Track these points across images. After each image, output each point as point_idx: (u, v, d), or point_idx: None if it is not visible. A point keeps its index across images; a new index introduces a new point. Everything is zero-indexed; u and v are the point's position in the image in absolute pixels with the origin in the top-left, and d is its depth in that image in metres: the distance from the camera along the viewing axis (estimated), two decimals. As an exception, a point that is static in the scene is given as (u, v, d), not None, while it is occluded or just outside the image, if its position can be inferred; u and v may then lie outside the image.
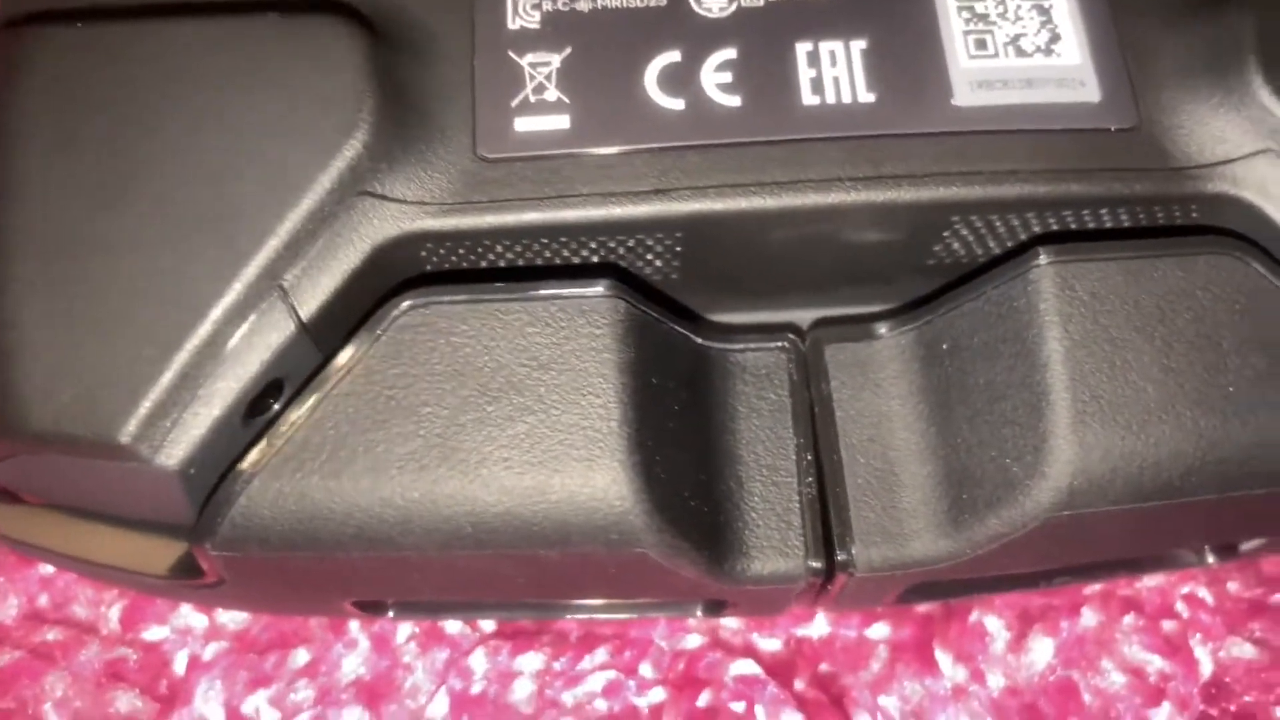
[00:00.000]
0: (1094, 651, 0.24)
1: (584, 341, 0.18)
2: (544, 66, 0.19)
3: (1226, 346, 0.18)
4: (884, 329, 0.20)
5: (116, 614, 0.24)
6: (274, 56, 0.18)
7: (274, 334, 0.18)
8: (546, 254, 0.19)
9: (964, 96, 0.19)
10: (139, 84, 0.18)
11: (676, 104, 0.19)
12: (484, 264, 0.19)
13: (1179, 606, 0.24)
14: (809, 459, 0.20)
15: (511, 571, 0.18)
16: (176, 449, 0.17)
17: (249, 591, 0.20)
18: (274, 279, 0.17)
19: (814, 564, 0.19)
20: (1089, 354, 0.18)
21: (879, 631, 0.24)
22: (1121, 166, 0.19)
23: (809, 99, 0.19)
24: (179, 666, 0.23)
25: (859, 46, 0.19)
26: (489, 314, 0.18)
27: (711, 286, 0.21)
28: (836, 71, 0.19)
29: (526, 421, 0.17)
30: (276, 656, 0.24)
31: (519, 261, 0.19)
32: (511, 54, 0.19)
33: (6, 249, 0.18)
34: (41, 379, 0.17)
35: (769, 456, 0.20)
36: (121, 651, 0.23)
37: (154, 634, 0.24)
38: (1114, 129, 0.19)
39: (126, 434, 0.17)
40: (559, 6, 0.20)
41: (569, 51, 0.19)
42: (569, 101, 0.19)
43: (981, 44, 0.19)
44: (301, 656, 0.24)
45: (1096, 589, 0.24)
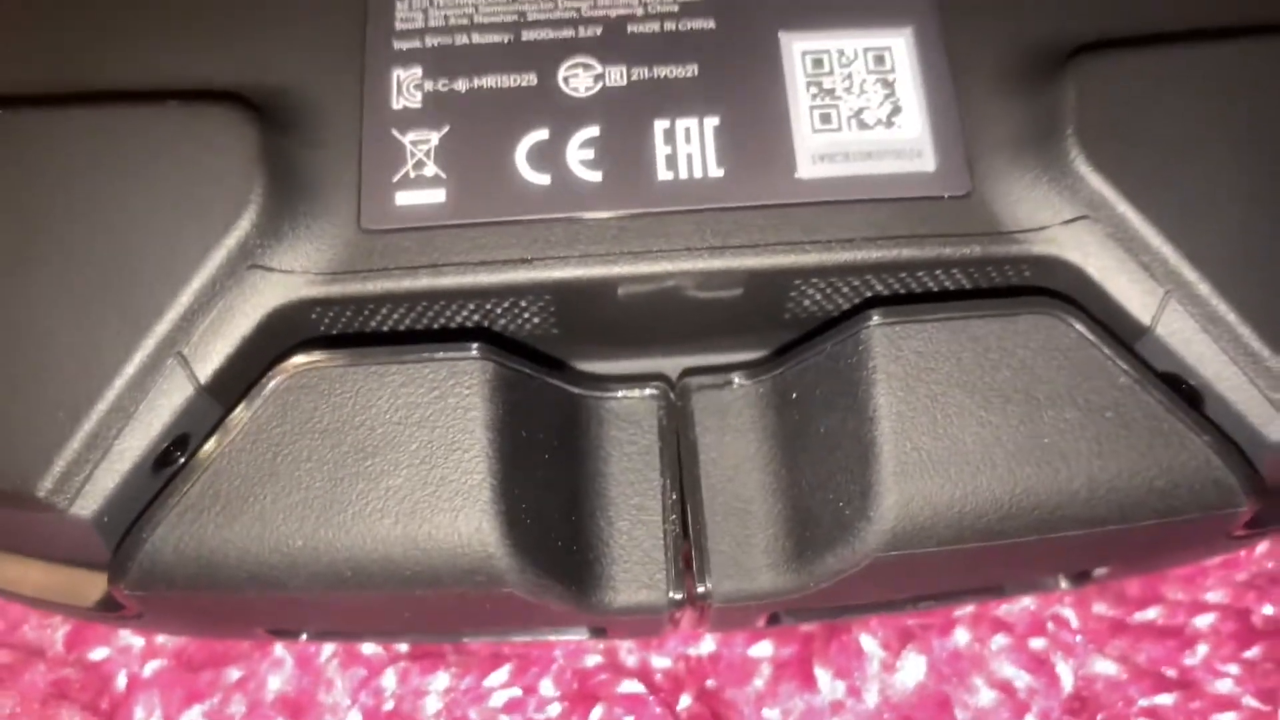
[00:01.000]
0: (966, 668, 0.26)
1: (453, 400, 0.19)
2: (424, 144, 0.21)
3: (1043, 400, 0.20)
4: (742, 378, 0.22)
5: (62, 636, 0.26)
6: (171, 142, 0.20)
7: (176, 395, 0.19)
8: (427, 318, 0.21)
9: (806, 169, 0.21)
10: (49, 166, 0.20)
11: (543, 179, 0.21)
12: (372, 326, 0.21)
13: (1049, 626, 0.26)
14: (674, 498, 0.21)
15: (395, 608, 0.20)
16: (89, 500, 0.19)
17: (168, 621, 0.22)
18: (173, 347, 0.19)
19: (675, 596, 0.21)
20: (912, 409, 0.19)
21: (762, 650, 0.26)
22: (952, 232, 0.20)
23: (664, 174, 0.21)
24: (120, 684, 0.26)
25: (712, 123, 0.21)
26: (367, 376, 0.20)
27: (587, 340, 0.22)
28: (690, 148, 0.21)
29: (401, 475, 0.19)
30: (210, 674, 0.26)
31: (403, 324, 0.21)
32: (395, 132, 0.21)
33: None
34: (-35, 438, 0.19)
35: (637, 496, 0.21)
36: (66, 672, 0.25)
37: (97, 654, 0.26)
38: (947, 196, 0.20)
39: (43, 488, 0.19)
40: (439, 87, 0.21)
41: (447, 129, 0.21)
42: (446, 177, 0.21)
43: (826, 118, 0.21)
44: (233, 674, 0.26)
45: (969, 610, 0.26)
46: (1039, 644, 0.26)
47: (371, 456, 0.19)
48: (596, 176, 0.21)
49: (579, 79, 0.21)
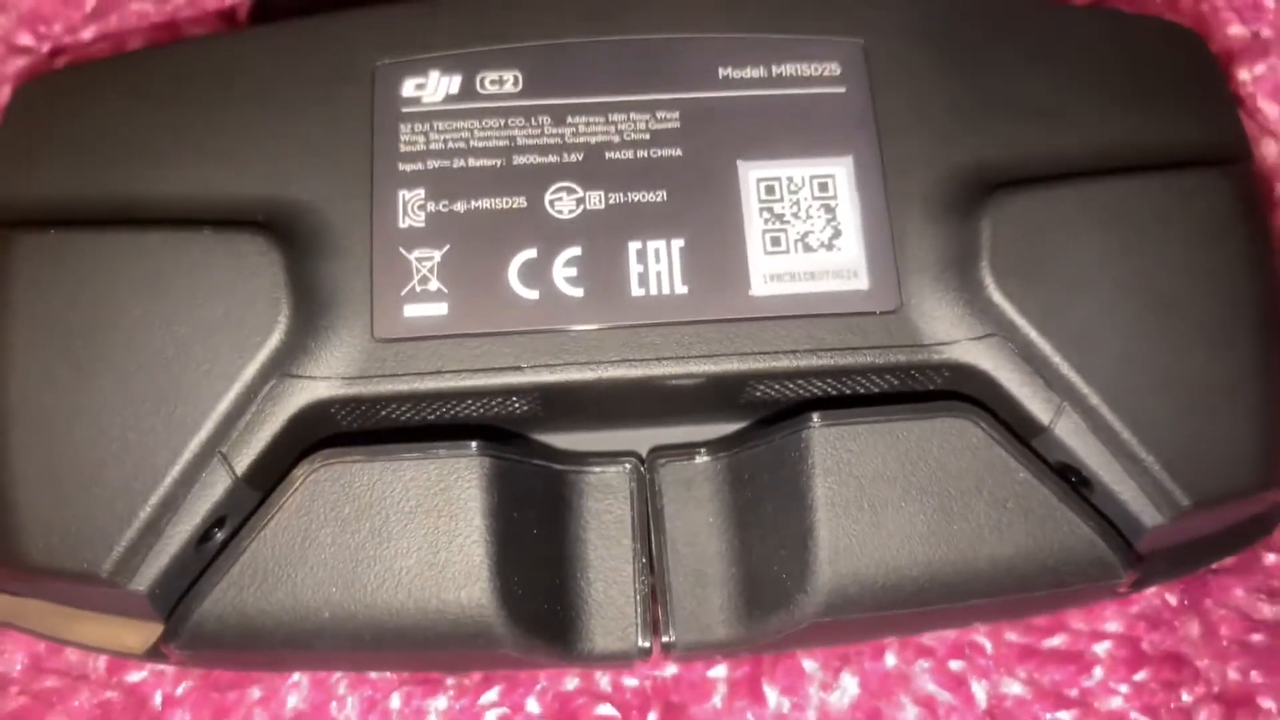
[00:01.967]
0: (893, 687, 0.30)
1: (456, 492, 0.23)
2: (428, 260, 0.24)
3: (954, 492, 0.23)
4: (704, 456, 0.25)
5: (103, 663, 0.29)
6: (207, 267, 0.23)
7: (218, 487, 0.23)
8: (433, 413, 0.24)
9: (759, 288, 0.24)
10: (101, 284, 0.23)
11: (533, 294, 0.24)
12: (387, 420, 0.24)
13: (966, 651, 0.30)
14: (643, 561, 0.25)
15: (409, 660, 0.24)
16: (144, 578, 0.22)
17: (208, 666, 0.26)
18: (215, 447, 0.23)
19: (643, 645, 0.25)
20: (844, 499, 0.23)
21: (719, 671, 0.29)
22: (881, 344, 0.24)
23: (636, 290, 0.24)
24: (156, 702, 0.29)
25: (678, 245, 0.24)
26: (382, 470, 0.23)
27: (569, 424, 0.26)
28: (659, 267, 0.24)
29: (412, 557, 0.23)
30: (235, 694, 0.29)
31: (414, 419, 0.24)
32: (402, 250, 0.24)
33: (5, 417, 0.23)
34: (36, 526, 0.22)
35: (612, 560, 0.25)
36: (108, 694, 0.29)
37: (134, 677, 0.29)
38: (878, 312, 0.24)
39: (105, 570, 0.22)
40: (440, 208, 0.24)
41: (448, 248, 0.24)
42: (448, 291, 0.24)
43: (776, 241, 0.24)
44: (255, 693, 0.29)
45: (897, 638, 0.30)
46: (957, 666, 0.30)
47: (386, 541, 0.23)
48: (579, 292, 0.24)
49: (563, 202, 0.24)
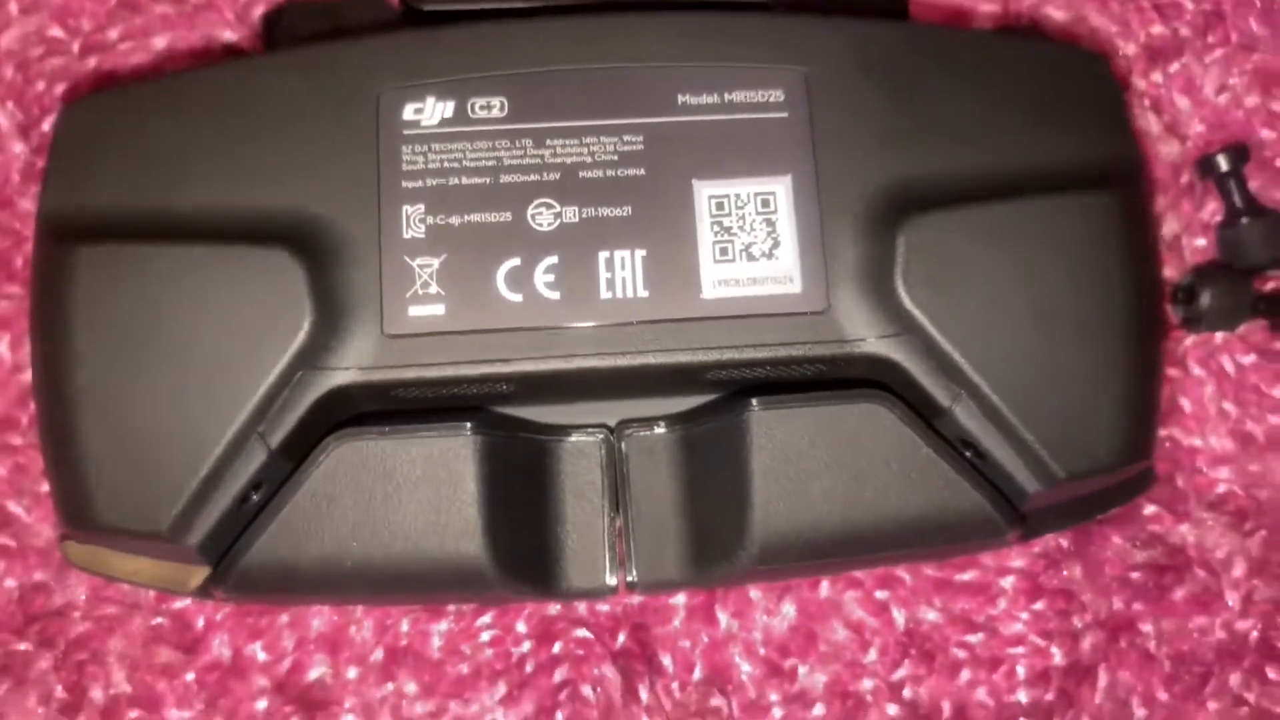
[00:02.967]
0: (827, 612, 0.35)
1: (454, 464, 0.28)
2: (428, 267, 0.28)
3: (867, 466, 0.28)
4: (663, 428, 0.30)
5: (153, 594, 0.34)
6: (244, 278, 0.27)
7: (256, 460, 0.27)
8: (435, 395, 0.28)
9: (709, 291, 0.28)
10: (155, 293, 0.27)
11: (517, 297, 0.28)
12: (401, 401, 0.29)
13: (890, 583, 0.35)
14: (611, 515, 0.30)
15: (417, 598, 0.29)
16: (195, 534, 0.27)
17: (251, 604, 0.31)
18: (254, 428, 0.27)
19: (611, 583, 0.30)
20: (775, 472, 0.28)
21: (679, 599, 0.35)
22: (810, 340, 0.28)
23: (605, 294, 0.28)
24: (199, 626, 0.34)
25: (641, 254, 0.28)
26: (394, 445, 0.28)
27: (550, 400, 0.30)
28: (625, 273, 0.28)
29: (420, 517, 0.27)
30: (267, 619, 0.34)
31: (420, 400, 0.29)
32: (406, 258, 0.28)
33: (76, 403, 0.27)
34: (106, 494, 0.27)
35: (585, 514, 0.30)
36: (158, 620, 0.34)
37: (180, 605, 0.34)
38: (809, 312, 0.28)
39: (165, 528, 0.27)
40: (438, 221, 0.28)
41: (445, 256, 0.28)
42: (445, 294, 0.28)
43: (724, 251, 0.28)
44: (284, 618, 0.34)
45: (831, 571, 0.35)
46: (882, 595, 0.35)
47: (397, 504, 0.27)
48: (556, 295, 0.28)
49: (543, 216, 0.28)
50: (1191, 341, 0.36)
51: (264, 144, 0.29)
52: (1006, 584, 0.35)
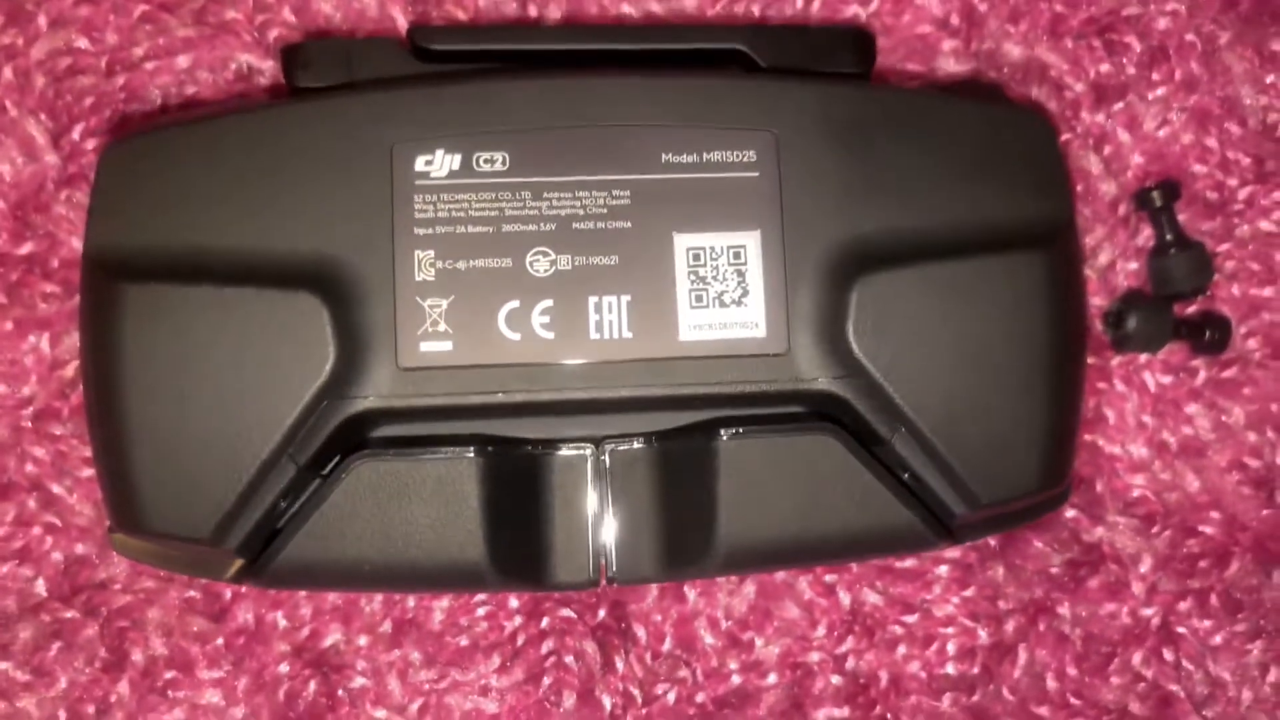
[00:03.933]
0: (781, 592, 0.39)
1: (459, 483, 0.32)
2: (437, 308, 0.32)
3: (817, 489, 0.32)
4: (641, 444, 0.34)
5: (186, 569, 0.38)
6: (274, 318, 0.31)
7: (285, 475, 0.31)
8: (444, 421, 0.32)
9: (686, 334, 0.32)
10: (193, 329, 0.31)
11: (516, 335, 0.32)
12: (414, 425, 0.32)
13: (838, 569, 0.40)
14: (594, 520, 0.34)
15: (427, 592, 0.33)
16: (233, 539, 0.31)
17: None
18: (284, 449, 0.31)
19: (593, 579, 0.34)
20: (740, 493, 0.32)
21: (653, 583, 0.39)
22: (770, 379, 0.32)
23: (594, 334, 0.32)
24: (227, 597, 0.39)
25: (626, 299, 0.32)
26: (407, 465, 0.32)
27: (543, 417, 0.34)
28: (612, 316, 0.32)
29: (429, 528, 0.32)
30: (287, 591, 0.39)
31: (429, 425, 0.32)
32: (418, 299, 0.32)
33: (127, 426, 0.31)
34: (154, 503, 0.31)
35: (573, 519, 0.34)
36: (191, 593, 0.38)
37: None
38: (771, 354, 0.32)
39: (205, 534, 0.31)
40: (447, 266, 0.32)
41: (453, 298, 0.32)
42: (452, 332, 0.32)
43: (699, 298, 0.32)
44: (302, 590, 0.39)
45: (787, 559, 0.39)
46: (830, 578, 0.40)
47: (410, 518, 0.32)
48: (551, 335, 0.32)
49: (540, 263, 0.32)
50: (1118, 360, 0.40)
51: (290, 190, 0.32)
52: (941, 571, 0.40)
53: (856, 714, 0.39)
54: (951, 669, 0.40)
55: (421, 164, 0.32)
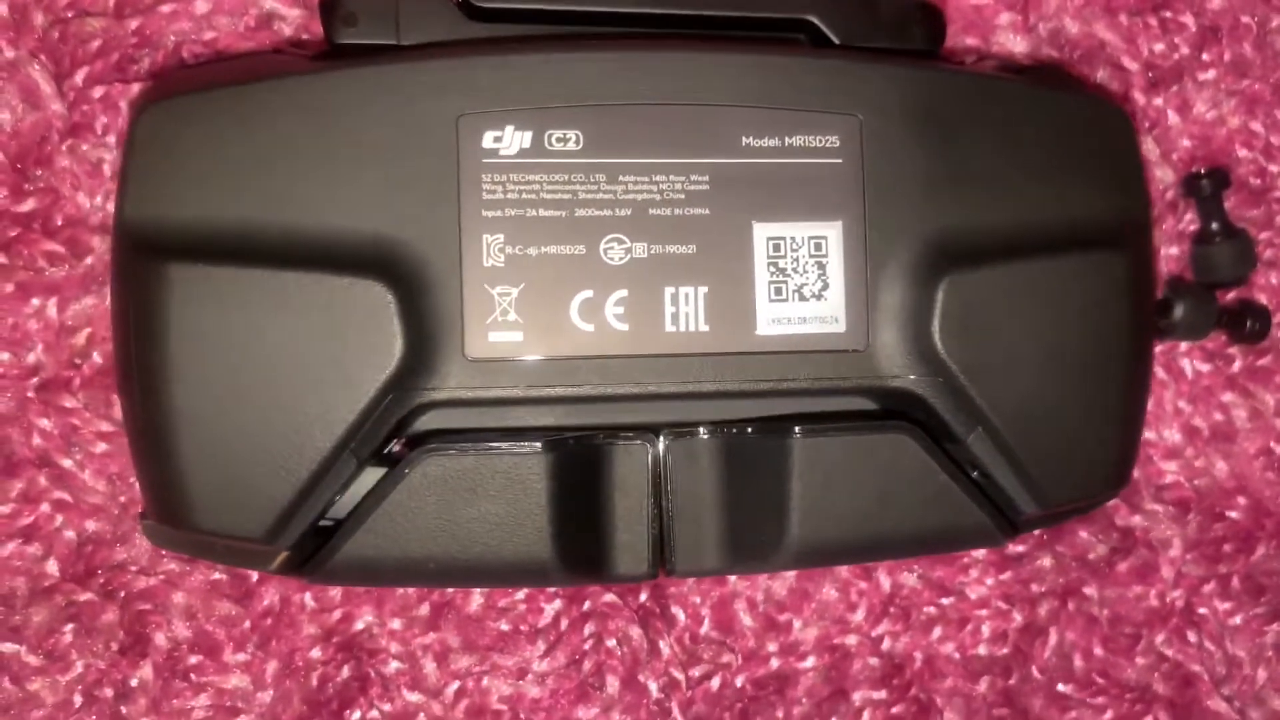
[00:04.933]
0: (820, 575, 0.39)
1: (526, 479, 0.30)
2: (507, 296, 0.30)
3: (892, 488, 0.32)
4: (706, 434, 0.33)
5: (211, 550, 0.37)
6: (339, 306, 0.29)
7: (345, 472, 0.30)
8: (512, 413, 0.31)
9: (763, 329, 0.31)
10: (248, 315, 0.29)
11: (589, 327, 0.30)
12: (480, 417, 0.31)
13: (878, 550, 0.39)
14: (654, 510, 0.33)
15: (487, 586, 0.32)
16: (288, 539, 0.30)
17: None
18: (346, 444, 0.29)
19: (653, 571, 0.33)
20: (813, 491, 0.31)
21: (694, 566, 0.39)
22: (849, 376, 0.31)
23: (669, 327, 0.31)
24: (254, 579, 0.37)
25: (703, 291, 0.31)
26: (475, 461, 0.30)
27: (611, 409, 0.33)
28: (688, 308, 0.31)
29: (495, 523, 0.30)
30: (315, 571, 0.37)
31: (497, 418, 0.31)
32: (486, 286, 0.30)
33: (175, 418, 0.29)
34: (200, 498, 0.29)
35: (633, 510, 0.33)
36: (216, 575, 0.37)
37: (235, 559, 0.37)
38: (850, 350, 0.31)
39: (260, 533, 0.29)
40: (517, 251, 0.30)
41: (523, 286, 0.30)
42: (522, 322, 0.30)
43: (779, 291, 0.31)
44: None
45: (829, 542, 0.39)
46: (869, 562, 0.40)
47: (475, 514, 0.30)
48: (625, 327, 0.31)
49: (614, 251, 0.31)
50: (1160, 348, 0.40)
51: (348, 164, 0.30)
52: (979, 554, 0.40)
53: (893, 696, 0.39)
54: (983, 650, 0.40)
55: (490, 140, 0.30)
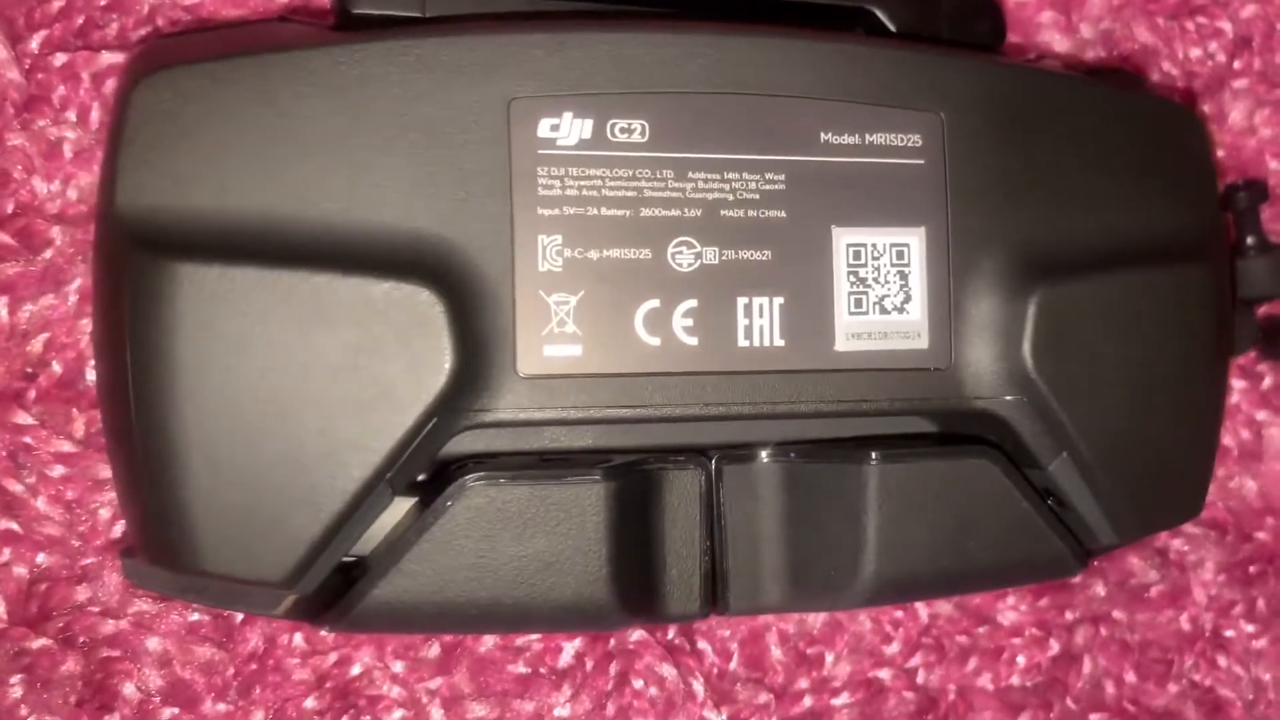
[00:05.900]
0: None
1: (586, 512, 0.27)
2: (564, 304, 0.27)
3: (969, 516, 0.29)
4: (765, 458, 0.30)
5: (190, 588, 0.32)
6: (380, 315, 0.25)
7: (380, 505, 0.26)
8: (567, 438, 0.28)
9: (842, 344, 0.28)
10: (270, 324, 0.25)
11: (655, 341, 0.27)
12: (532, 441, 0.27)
13: (912, 577, 0.37)
14: (708, 544, 0.30)
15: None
16: (311, 582, 0.26)
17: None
18: (383, 475, 0.25)
19: (703, 611, 0.30)
20: (891, 522, 0.28)
21: (724, 597, 0.36)
22: (932, 396, 0.29)
23: (742, 341, 0.28)
24: (238, 620, 0.32)
25: (779, 302, 0.28)
26: (525, 491, 0.26)
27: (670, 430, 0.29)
28: (763, 321, 0.28)
29: (547, 564, 0.27)
30: (306, 609, 0.33)
31: (551, 441, 0.28)
32: (541, 293, 0.27)
33: (182, 443, 0.25)
34: (209, 537, 0.25)
35: (684, 543, 0.29)
36: (194, 615, 0.32)
37: (215, 597, 0.32)
38: (933, 369, 0.29)
39: (279, 576, 0.25)
40: (576, 255, 0.27)
41: (583, 294, 0.27)
42: (582, 334, 0.27)
43: (859, 303, 0.28)
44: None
45: (864, 570, 0.37)
46: (905, 590, 0.37)
47: (526, 551, 0.27)
48: (694, 341, 0.27)
49: (683, 255, 0.27)
50: (1196, 364, 0.39)
51: (381, 150, 0.26)
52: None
53: (930, 732, 0.37)
54: (1017, 680, 0.38)
55: (546, 128, 0.27)
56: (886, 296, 0.28)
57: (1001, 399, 0.29)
